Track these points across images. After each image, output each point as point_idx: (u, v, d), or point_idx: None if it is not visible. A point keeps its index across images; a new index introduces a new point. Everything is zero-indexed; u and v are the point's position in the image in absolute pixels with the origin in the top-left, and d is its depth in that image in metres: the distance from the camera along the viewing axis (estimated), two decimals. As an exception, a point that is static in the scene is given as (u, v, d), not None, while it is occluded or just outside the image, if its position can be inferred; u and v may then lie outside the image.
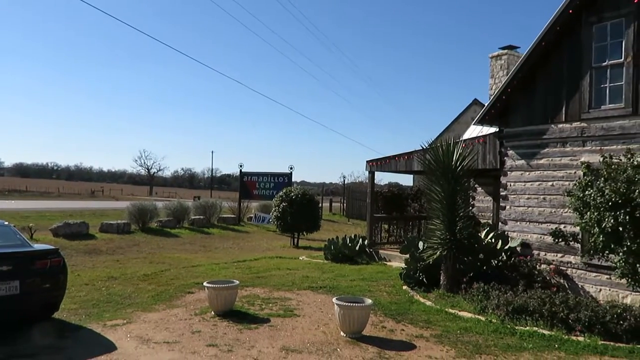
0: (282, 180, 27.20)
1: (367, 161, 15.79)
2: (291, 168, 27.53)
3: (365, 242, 15.52)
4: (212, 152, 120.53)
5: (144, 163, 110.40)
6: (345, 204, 38.24)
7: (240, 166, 27.98)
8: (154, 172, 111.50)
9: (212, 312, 8.45)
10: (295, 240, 20.14)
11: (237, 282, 8.96)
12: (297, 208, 19.23)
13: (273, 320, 8.13)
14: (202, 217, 24.71)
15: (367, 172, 16.08)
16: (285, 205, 19.39)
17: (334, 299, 7.58)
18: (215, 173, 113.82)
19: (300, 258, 15.78)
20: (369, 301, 7.59)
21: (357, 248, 15.11)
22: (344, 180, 41.71)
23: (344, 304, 7.28)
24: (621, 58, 9.77)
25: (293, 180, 27.67)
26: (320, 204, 24.69)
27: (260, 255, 16.49)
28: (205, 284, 8.66)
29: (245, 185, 28.12)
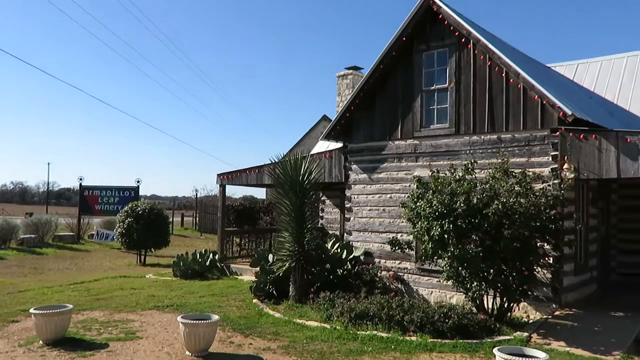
0: (128, 194, 25.66)
1: (218, 174, 15.60)
2: (138, 181, 26.11)
3: (217, 256, 15.24)
4: (49, 163, 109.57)
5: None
6: (197, 218, 37.26)
7: (80, 179, 25.86)
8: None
9: (41, 342, 7.61)
10: (142, 257, 19.09)
11: (71, 306, 8.19)
12: (145, 223, 18.29)
13: (112, 345, 7.57)
14: (34, 235, 22.26)
15: (219, 186, 15.88)
16: (131, 220, 18.32)
17: (178, 317, 7.30)
18: (52, 187, 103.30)
19: (147, 276, 14.98)
20: (215, 317, 7.44)
21: (207, 263, 14.77)
22: (197, 194, 40.50)
23: (189, 321, 7.05)
24: (446, 83, 10.95)
25: (141, 194, 26.30)
26: (170, 219, 23.74)
27: (102, 275, 15.30)
28: (31, 310, 7.78)
29: (86, 200, 26.00)
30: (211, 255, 15.09)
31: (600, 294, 11.11)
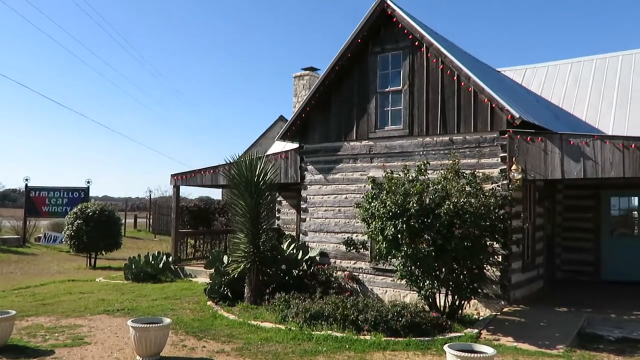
0: (78, 195, 24.81)
1: (171, 175, 15.31)
2: (88, 182, 25.28)
3: (170, 258, 14.96)
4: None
5: None
6: (151, 220, 36.43)
7: (26, 180, 24.81)
8: None
9: (-19, 350, 7.26)
10: (93, 260, 18.49)
11: (14, 312, 7.85)
12: (95, 225, 17.73)
13: (58, 352, 7.30)
14: (-25, 239, 21.19)
15: (172, 187, 15.59)
16: (81, 222, 17.73)
17: (129, 322, 7.12)
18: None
19: (97, 280, 14.53)
20: (167, 320, 7.29)
21: (161, 265, 14.47)
22: (151, 195, 39.57)
23: (140, 325, 6.89)
24: (400, 86, 11.13)
25: (92, 195, 25.48)
26: (123, 220, 23.11)
27: (49, 279, 14.73)
28: (-29, 317, 7.41)
29: (33, 201, 24.95)
30: (165, 257, 14.80)
31: (546, 291, 11.54)
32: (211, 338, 8.11)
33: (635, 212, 13.25)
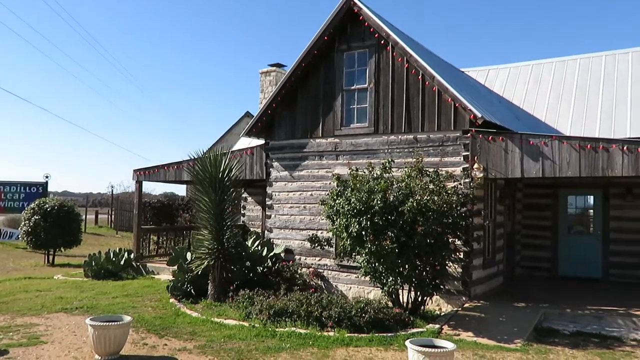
0: (35, 190, 24.07)
1: (134, 170, 14.99)
2: (47, 177, 24.56)
3: (132, 255, 14.67)
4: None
5: None
6: (113, 216, 35.64)
7: (-19, 174, 23.90)
8: None
9: None
10: (51, 257, 17.96)
11: (-34, 311, 7.56)
12: (53, 221, 17.22)
13: (12, 352, 7.06)
14: None
15: (135, 182, 15.28)
16: (38, 218, 17.19)
17: (87, 320, 6.95)
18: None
19: (56, 277, 14.12)
20: (127, 318, 7.15)
21: (122, 262, 14.17)
22: (112, 190, 38.69)
23: (99, 323, 6.73)
24: (366, 84, 11.19)
25: (51, 190, 24.77)
26: (83, 216, 22.51)
27: (4, 277, 14.23)
28: None
29: (-12, 196, 24.07)
30: (126, 254, 14.50)
31: (505, 287, 11.83)
32: (173, 336, 8.00)
33: (591, 211, 13.71)
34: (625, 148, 8.58)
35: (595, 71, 14.90)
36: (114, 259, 14.15)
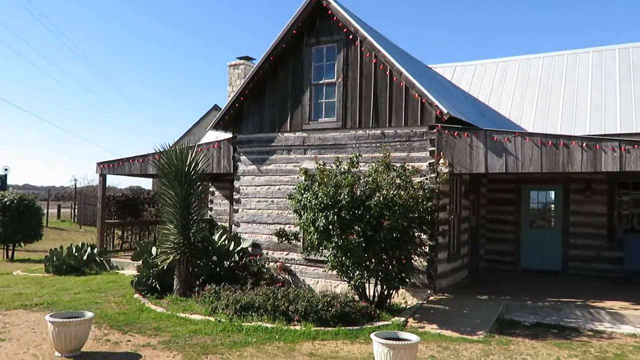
0: (-6, 183, 23.28)
1: (97, 163, 14.65)
2: (5, 169, 23.79)
3: (96, 250, 14.36)
4: None
5: None
6: (77, 210, 34.78)
7: (-64, 166, 22.97)
8: None
9: None
10: (10, 252, 17.43)
11: None
12: (13, 215, 16.71)
13: (-32, 350, 6.84)
14: None
15: (99, 175, 14.94)
16: (-3, 212, 16.63)
17: (47, 316, 6.77)
18: None
19: (15, 273, 13.71)
20: (89, 314, 7.00)
21: (85, 257, 13.86)
22: (76, 184, 37.73)
23: (59, 320, 6.57)
24: (334, 78, 11.20)
25: (11, 183, 23.98)
26: (45, 210, 21.93)
27: (-40, 273, 13.75)
28: None
29: (-57, 189, 23.17)
30: (89, 249, 14.18)
31: (470, 280, 12.07)
32: (137, 332, 7.88)
33: (552, 206, 14.09)
34: (584, 145, 8.84)
35: (558, 70, 15.29)
36: (76, 254, 13.82)
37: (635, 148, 8.50)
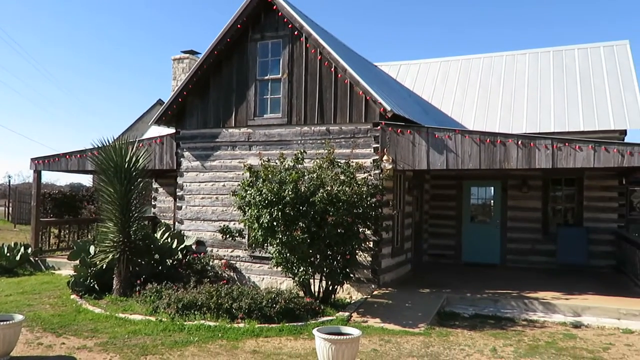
0: None
1: (32, 159, 13.98)
2: None
3: (30, 250, 13.71)
4: None
5: None
6: (11, 208, 33.11)
7: None
8: None
9: None
10: None
11: None
12: (-62, 214, 15.69)
13: None
14: None
15: (33, 172, 14.26)
16: None
17: (-28, 321, 6.39)
18: None
19: (-60, 275, 12.89)
20: (19, 317, 6.66)
21: (18, 257, 13.20)
22: (10, 181, 35.89)
23: (-15, 324, 6.21)
24: (279, 74, 11.15)
25: None
26: (-27, 209, 20.73)
27: None
28: None
29: None
30: (23, 248, 13.52)
31: (413, 274, 12.33)
32: (72, 334, 7.58)
33: (492, 201, 14.61)
34: (520, 143, 9.20)
35: (497, 70, 15.85)
36: (8, 254, 13.14)
37: (566, 146, 8.93)
